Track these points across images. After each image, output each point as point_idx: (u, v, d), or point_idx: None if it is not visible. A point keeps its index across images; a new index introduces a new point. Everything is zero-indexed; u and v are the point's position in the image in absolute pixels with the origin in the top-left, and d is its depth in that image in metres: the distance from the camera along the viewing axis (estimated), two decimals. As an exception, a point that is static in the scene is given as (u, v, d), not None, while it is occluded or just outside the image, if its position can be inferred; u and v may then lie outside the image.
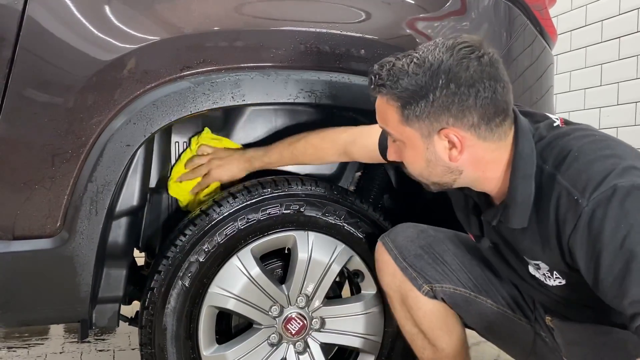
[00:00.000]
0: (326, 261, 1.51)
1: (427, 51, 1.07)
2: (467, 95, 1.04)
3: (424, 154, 1.11)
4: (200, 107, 1.32)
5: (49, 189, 1.25)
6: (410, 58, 1.07)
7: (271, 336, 1.49)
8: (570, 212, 1.01)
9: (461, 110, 1.05)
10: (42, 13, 1.24)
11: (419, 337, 1.43)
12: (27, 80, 1.24)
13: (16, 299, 1.30)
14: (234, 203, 1.44)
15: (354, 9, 1.46)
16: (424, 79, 1.05)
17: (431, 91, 1.04)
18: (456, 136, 1.07)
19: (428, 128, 1.08)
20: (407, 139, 1.12)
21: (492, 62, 1.05)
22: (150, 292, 1.42)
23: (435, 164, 1.12)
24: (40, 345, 2.38)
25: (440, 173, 1.13)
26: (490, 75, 1.04)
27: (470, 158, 1.10)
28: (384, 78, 1.09)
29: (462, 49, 1.05)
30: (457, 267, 1.38)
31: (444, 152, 1.09)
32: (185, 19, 1.32)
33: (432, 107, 1.05)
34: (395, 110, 1.10)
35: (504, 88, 1.06)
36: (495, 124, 1.07)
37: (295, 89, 1.38)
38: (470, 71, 1.03)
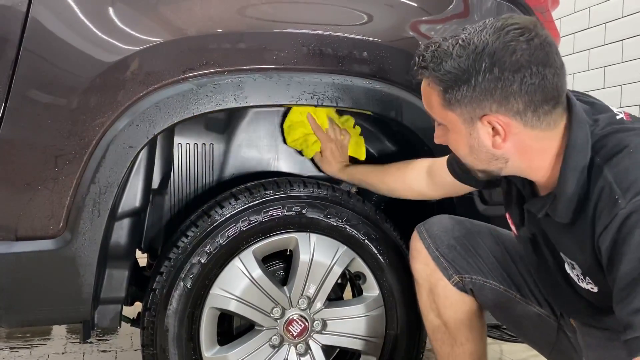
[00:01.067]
0: (328, 263, 1.51)
1: (475, 32, 1.01)
2: (511, 81, 0.98)
3: (467, 139, 1.08)
4: (202, 109, 1.32)
5: (52, 190, 1.26)
6: (456, 39, 1.02)
7: (273, 338, 1.49)
8: (607, 209, 0.97)
9: (505, 97, 1.00)
10: (46, 15, 1.24)
11: (440, 330, 1.42)
12: (31, 81, 1.24)
13: (19, 299, 1.31)
14: (236, 204, 1.45)
15: (356, 11, 1.46)
16: (467, 62, 1.00)
17: (474, 75, 1.00)
18: (499, 123, 1.02)
19: (470, 113, 1.04)
20: (450, 123, 1.08)
21: (543, 45, 0.99)
22: (152, 294, 1.43)
23: (478, 150, 1.08)
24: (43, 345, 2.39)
25: (485, 159, 1.09)
26: (539, 60, 0.98)
27: (515, 146, 1.05)
28: (428, 60, 1.05)
29: (510, 31, 0.99)
30: (489, 260, 1.38)
31: (488, 138, 1.05)
32: (188, 21, 1.33)
33: (475, 92, 1.01)
34: (437, 94, 1.06)
35: (555, 74, 1.00)
36: (543, 112, 1.01)
37: (297, 91, 1.38)
38: (517, 55, 0.98)
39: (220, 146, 1.66)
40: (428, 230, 1.41)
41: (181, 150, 1.64)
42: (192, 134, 1.63)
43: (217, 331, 1.50)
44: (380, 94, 1.43)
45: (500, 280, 1.37)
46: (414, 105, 1.46)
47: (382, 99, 1.44)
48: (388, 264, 1.55)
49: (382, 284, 1.56)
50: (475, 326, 1.40)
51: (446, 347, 1.43)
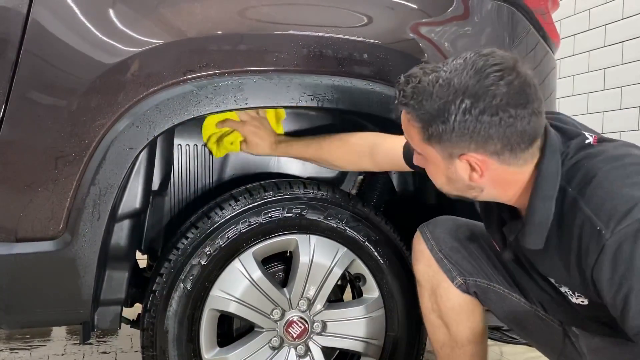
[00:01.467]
0: (328, 265, 1.51)
1: (455, 71, 1.03)
2: (489, 124, 1.00)
3: (445, 171, 1.11)
4: (203, 110, 1.32)
5: (52, 192, 1.26)
6: (436, 76, 1.04)
7: (272, 339, 1.49)
8: (593, 242, 0.98)
9: (483, 138, 1.02)
10: (47, 16, 1.24)
11: (440, 331, 1.42)
12: (31, 82, 1.24)
13: (19, 301, 1.31)
14: (236, 206, 1.45)
15: (356, 13, 1.46)
16: (446, 104, 1.02)
17: (453, 116, 1.01)
18: (477, 162, 1.05)
19: (449, 151, 1.06)
20: (429, 156, 1.11)
21: (522, 87, 1.00)
22: (152, 295, 1.43)
23: (455, 181, 1.11)
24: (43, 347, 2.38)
25: (461, 189, 1.13)
26: (518, 103, 1.00)
27: (491, 179, 1.08)
28: (408, 97, 1.06)
29: (491, 74, 1.00)
30: (492, 263, 1.38)
31: (465, 173, 1.08)
32: (189, 22, 1.33)
33: (453, 133, 1.03)
34: (417, 130, 1.08)
35: (533, 114, 1.02)
36: (520, 150, 1.04)
37: (297, 93, 1.38)
38: (496, 99, 0.99)
39: (221, 148, 1.66)
40: (432, 231, 1.41)
41: (181, 151, 1.64)
42: (192, 135, 1.63)
43: (217, 333, 1.50)
44: (380, 96, 1.43)
45: (503, 283, 1.37)
46: (414, 107, 1.46)
47: (382, 100, 1.44)
48: (388, 266, 1.55)
49: (382, 286, 1.56)
50: (477, 328, 1.40)
51: (447, 349, 1.42)
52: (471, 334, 1.39)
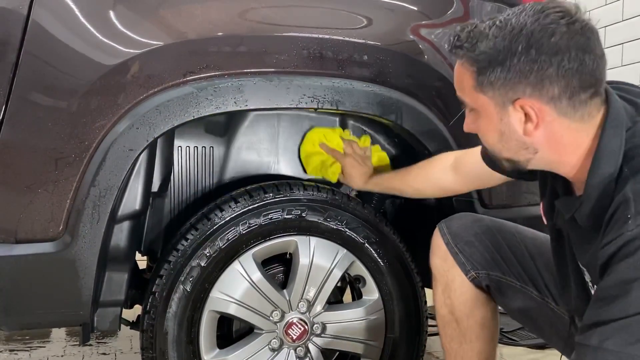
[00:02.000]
0: (328, 266, 1.51)
1: (513, 14, 0.98)
2: (547, 64, 0.94)
3: (497, 125, 1.03)
4: (203, 112, 1.32)
5: (52, 193, 1.26)
6: (493, 21, 0.99)
7: (272, 341, 1.49)
8: (617, 225, 0.93)
9: (540, 80, 0.96)
10: (47, 17, 1.24)
11: (450, 326, 1.42)
12: (31, 84, 1.24)
13: (18, 302, 1.31)
14: (236, 207, 1.45)
15: (357, 15, 1.46)
16: (503, 43, 0.96)
17: (509, 57, 0.96)
18: (532, 108, 0.98)
19: (503, 97, 1.00)
20: (481, 107, 1.04)
21: (583, 30, 0.95)
22: (152, 296, 1.43)
23: (508, 137, 1.03)
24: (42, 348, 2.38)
25: (514, 148, 1.05)
26: (579, 45, 0.94)
27: (546, 135, 1.01)
28: (463, 40, 1.01)
29: (550, 14, 0.95)
30: (507, 257, 1.37)
31: (519, 125, 1.01)
32: (189, 24, 1.33)
33: (509, 74, 0.97)
34: (470, 75, 1.02)
35: (595, 61, 0.96)
36: (579, 101, 0.97)
37: (297, 95, 1.38)
38: (555, 38, 0.94)
39: (220, 149, 1.66)
40: (449, 227, 1.41)
41: (181, 153, 1.64)
42: (192, 137, 1.63)
43: (216, 334, 1.50)
44: (380, 98, 1.43)
45: (517, 277, 1.37)
46: (414, 109, 1.47)
47: (382, 102, 1.44)
48: (388, 268, 1.55)
49: (382, 288, 1.56)
50: (487, 325, 1.40)
51: (455, 344, 1.42)
52: (481, 331, 1.39)
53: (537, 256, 1.38)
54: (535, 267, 1.38)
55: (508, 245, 1.38)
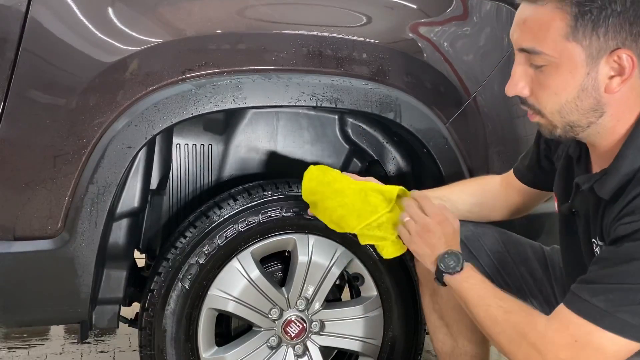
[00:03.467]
0: (326, 264, 1.51)
1: None
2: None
3: (581, 80, 0.94)
4: (201, 109, 1.32)
5: (50, 190, 1.26)
6: None
7: (270, 339, 1.49)
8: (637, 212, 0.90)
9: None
10: (45, 15, 1.24)
11: (441, 331, 1.41)
12: (30, 81, 1.24)
13: (17, 299, 1.31)
14: (235, 205, 1.45)
15: (356, 13, 1.46)
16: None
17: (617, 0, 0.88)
18: (630, 59, 0.91)
19: (601, 46, 0.91)
20: (567, 58, 0.93)
21: None
22: (150, 294, 1.43)
23: (588, 94, 0.95)
24: (40, 345, 2.38)
25: (586, 107, 0.96)
26: None
27: (624, 95, 0.94)
28: None
29: None
30: (489, 263, 1.36)
31: (604, 79, 0.93)
32: (188, 21, 1.33)
33: (614, 20, 0.88)
34: (564, 20, 0.91)
35: None
36: None
37: (296, 92, 1.38)
38: None
39: (219, 147, 1.66)
40: None
41: (180, 150, 1.64)
42: (190, 134, 1.63)
43: (214, 332, 1.50)
44: (379, 95, 1.43)
45: (499, 282, 1.36)
46: (413, 107, 1.46)
47: (380, 100, 1.44)
48: (386, 266, 1.55)
49: (380, 286, 1.56)
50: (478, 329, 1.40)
51: (447, 348, 1.42)
52: (472, 335, 1.38)
53: (520, 262, 1.38)
54: (519, 273, 1.38)
55: (489, 249, 1.37)
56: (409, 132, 1.49)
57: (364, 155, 1.73)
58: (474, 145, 1.55)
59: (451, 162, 1.52)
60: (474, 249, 1.37)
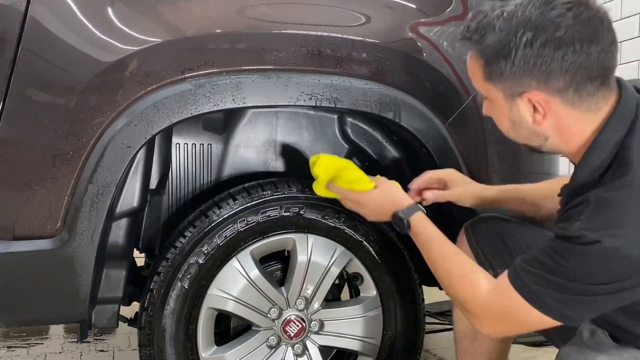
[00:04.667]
0: (325, 264, 1.51)
1: (521, 5, 0.99)
2: (551, 58, 0.96)
3: (508, 114, 1.07)
4: (201, 109, 1.32)
5: (50, 190, 1.26)
6: (502, 11, 1.01)
7: (270, 338, 1.50)
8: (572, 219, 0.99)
9: (545, 73, 0.98)
10: (45, 14, 1.24)
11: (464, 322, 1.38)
12: (29, 81, 1.24)
13: (16, 299, 1.31)
14: (234, 205, 1.45)
15: (355, 12, 1.46)
16: (508, 37, 0.98)
17: (514, 50, 0.98)
18: (539, 101, 1.01)
19: (510, 89, 1.03)
20: (492, 97, 1.08)
21: (592, 20, 0.96)
22: (150, 294, 1.43)
23: (519, 125, 1.07)
24: (40, 345, 2.38)
25: (525, 135, 1.08)
26: (585, 37, 0.95)
27: (554, 124, 1.03)
28: (472, 31, 1.04)
29: (557, 6, 0.96)
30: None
31: (528, 115, 1.04)
32: (187, 21, 1.33)
33: (514, 68, 0.99)
34: (479, 67, 1.05)
35: (602, 51, 0.97)
36: (586, 92, 0.99)
37: (296, 92, 1.38)
38: (560, 31, 0.95)
39: (219, 146, 1.66)
40: (473, 226, 1.42)
41: (179, 150, 1.64)
42: (190, 134, 1.63)
43: (214, 331, 1.50)
44: (378, 95, 1.43)
45: None
46: (412, 107, 1.47)
47: (380, 100, 1.44)
48: (386, 265, 1.55)
49: (380, 285, 1.56)
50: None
51: (466, 341, 1.43)
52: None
53: None
54: None
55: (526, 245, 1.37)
56: (408, 131, 1.49)
57: (363, 154, 1.73)
58: (473, 145, 1.55)
59: (450, 161, 1.52)
60: (512, 243, 1.37)
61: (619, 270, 0.96)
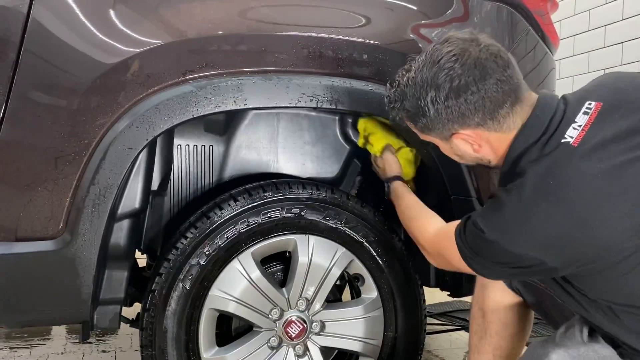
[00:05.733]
0: (326, 265, 1.51)
1: (418, 69, 1.14)
2: (458, 105, 1.11)
3: (452, 151, 1.23)
4: (202, 111, 1.32)
5: (52, 191, 1.26)
6: (408, 77, 1.17)
7: (271, 339, 1.50)
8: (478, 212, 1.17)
9: (460, 117, 1.13)
10: (47, 16, 1.25)
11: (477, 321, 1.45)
12: (31, 82, 1.25)
13: (19, 300, 1.31)
14: (235, 206, 1.45)
15: (356, 14, 1.47)
16: (417, 100, 1.15)
17: (426, 110, 1.14)
18: (469, 136, 1.16)
19: (441, 135, 1.19)
20: (434, 142, 1.24)
21: (478, 62, 1.09)
22: (151, 295, 1.43)
23: (464, 157, 1.23)
24: (42, 345, 2.39)
25: (473, 161, 1.24)
26: (477, 78, 1.09)
27: (490, 147, 1.17)
28: (393, 100, 1.22)
29: (445, 62, 1.10)
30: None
31: (468, 147, 1.19)
32: (189, 23, 1.33)
33: (434, 121, 1.15)
34: (412, 125, 1.23)
35: (498, 81, 1.09)
36: (501, 115, 1.12)
37: (296, 94, 1.39)
38: (454, 82, 1.09)
39: (220, 148, 1.67)
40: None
41: (181, 151, 1.64)
42: (191, 135, 1.64)
43: (215, 332, 1.51)
44: (379, 97, 1.44)
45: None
46: (413, 108, 1.47)
47: (381, 101, 1.44)
48: (387, 266, 1.55)
49: (381, 286, 1.56)
50: (510, 324, 1.42)
51: (476, 339, 1.45)
52: (502, 328, 1.42)
53: None
54: None
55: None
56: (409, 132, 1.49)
57: (364, 155, 1.73)
58: (474, 146, 1.55)
59: (451, 162, 1.52)
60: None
61: (505, 257, 1.10)
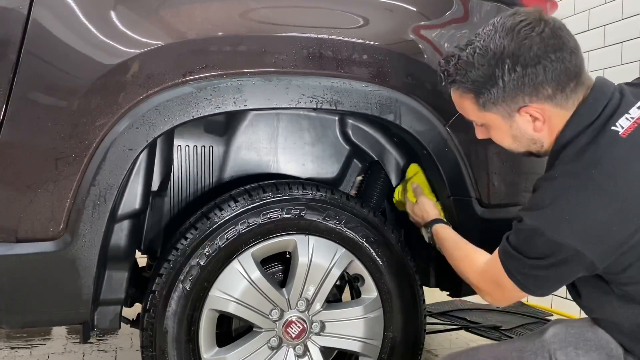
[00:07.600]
0: (326, 265, 1.51)
1: (488, 38, 1.12)
2: (535, 74, 1.10)
3: (509, 132, 1.20)
4: (202, 112, 1.33)
5: (52, 192, 1.26)
6: (473, 48, 1.14)
7: (271, 339, 1.50)
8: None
9: (534, 88, 1.11)
10: (47, 17, 1.25)
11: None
12: (32, 83, 1.25)
13: (19, 301, 1.31)
14: (235, 207, 1.45)
15: (356, 15, 1.47)
16: (490, 68, 1.12)
17: (500, 78, 1.11)
18: (537, 110, 1.14)
19: (507, 110, 1.16)
20: (490, 122, 1.21)
21: (554, 32, 1.10)
22: (152, 295, 1.43)
23: (521, 137, 1.20)
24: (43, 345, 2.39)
25: (526, 144, 1.22)
26: (555, 47, 1.09)
27: (549, 127, 1.17)
28: (453, 74, 1.17)
29: (522, 30, 1.10)
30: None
31: (529, 126, 1.17)
32: (189, 24, 1.33)
33: (505, 92, 1.12)
34: (471, 101, 1.18)
35: (572, 53, 1.11)
36: (570, 90, 1.13)
37: (296, 94, 1.39)
38: (533, 50, 1.09)
39: (220, 149, 1.67)
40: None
41: (181, 152, 1.64)
42: (191, 136, 1.64)
43: (216, 333, 1.51)
44: (379, 97, 1.44)
45: None
46: (413, 109, 1.47)
47: (380, 102, 1.44)
48: (386, 266, 1.55)
49: (381, 286, 1.56)
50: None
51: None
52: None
53: None
54: None
55: None
56: (409, 133, 1.49)
57: (364, 156, 1.74)
58: (474, 147, 1.55)
59: (451, 163, 1.53)
60: None
61: (541, 246, 1.09)
